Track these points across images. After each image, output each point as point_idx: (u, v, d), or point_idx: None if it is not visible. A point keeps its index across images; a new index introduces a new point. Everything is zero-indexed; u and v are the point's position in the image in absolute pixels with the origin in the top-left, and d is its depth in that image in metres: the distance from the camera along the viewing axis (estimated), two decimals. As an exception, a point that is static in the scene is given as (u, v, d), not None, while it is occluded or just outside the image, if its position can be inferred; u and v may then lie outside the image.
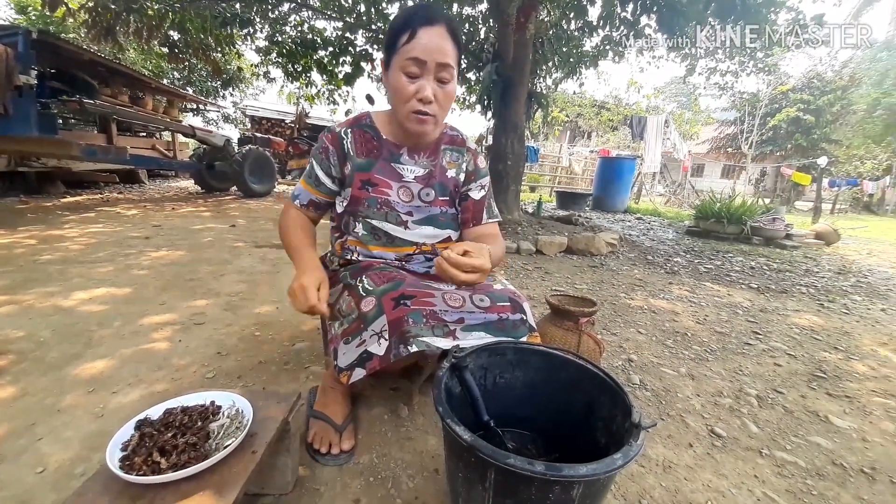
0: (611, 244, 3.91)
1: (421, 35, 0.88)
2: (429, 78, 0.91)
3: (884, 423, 1.34)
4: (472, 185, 1.14)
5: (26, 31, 3.77)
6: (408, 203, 1.07)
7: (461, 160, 1.13)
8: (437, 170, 1.09)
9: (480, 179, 1.16)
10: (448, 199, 1.12)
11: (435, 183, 1.09)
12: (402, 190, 1.07)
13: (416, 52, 0.88)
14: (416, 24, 0.88)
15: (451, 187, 1.11)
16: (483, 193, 1.16)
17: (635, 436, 0.63)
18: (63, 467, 0.93)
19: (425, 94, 0.90)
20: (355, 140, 1.06)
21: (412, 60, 0.89)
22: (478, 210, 1.14)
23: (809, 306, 2.62)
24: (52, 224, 3.57)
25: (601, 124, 16.81)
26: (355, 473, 0.97)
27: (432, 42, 0.88)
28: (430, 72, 0.90)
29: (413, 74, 0.91)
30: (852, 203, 15.35)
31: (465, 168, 1.14)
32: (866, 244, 6.06)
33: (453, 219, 1.14)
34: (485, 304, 0.93)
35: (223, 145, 6.41)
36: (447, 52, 0.90)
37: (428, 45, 0.88)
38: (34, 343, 1.48)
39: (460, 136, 1.15)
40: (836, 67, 18.33)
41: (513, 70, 4.26)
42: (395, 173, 1.06)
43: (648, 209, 8.79)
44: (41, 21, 9.57)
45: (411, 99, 0.92)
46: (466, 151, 1.14)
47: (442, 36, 0.89)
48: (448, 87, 0.94)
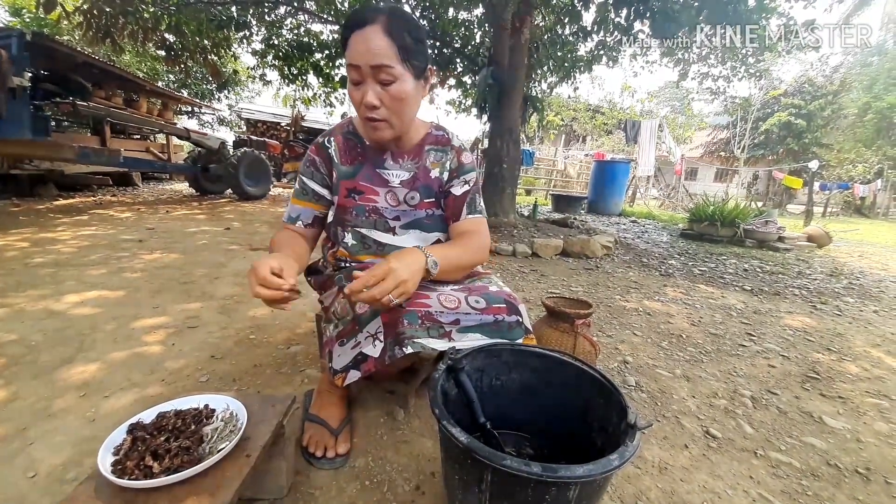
0: (606, 247, 3.93)
1: (353, 40, 0.85)
2: (370, 83, 0.87)
3: (877, 424, 1.35)
4: (454, 182, 1.10)
5: (20, 33, 3.75)
6: (395, 208, 1.06)
7: (444, 159, 1.10)
8: (420, 171, 1.08)
9: (464, 175, 1.11)
10: (433, 200, 1.10)
11: (419, 185, 1.07)
12: (390, 195, 1.06)
13: (351, 57, 0.86)
14: (349, 30, 0.86)
15: (435, 188, 1.09)
16: (465, 189, 1.10)
17: (631, 437, 0.63)
18: (55, 472, 0.91)
19: (367, 100, 0.87)
20: (339, 148, 1.05)
21: (350, 68, 0.87)
22: (457, 206, 1.10)
23: (802, 308, 2.65)
24: (44, 227, 3.53)
25: (596, 128, 16.93)
26: (351, 477, 0.96)
27: (362, 45, 0.84)
28: (368, 76, 0.86)
29: (356, 81, 0.88)
30: (843, 206, 15.52)
31: (449, 166, 1.10)
32: (858, 247, 6.13)
33: (441, 220, 1.12)
34: (480, 305, 0.93)
35: (218, 148, 6.39)
36: (379, 52, 0.84)
37: (359, 50, 0.84)
38: (26, 347, 1.46)
39: (445, 135, 1.12)
40: (826, 72, 18.61)
41: (508, 74, 4.29)
42: (381, 179, 1.05)
43: (643, 212, 8.85)
44: (35, 23, 9.52)
45: (360, 106, 0.90)
46: (451, 150, 1.10)
47: (374, 36, 0.83)
48: (392, 88, 0.87)
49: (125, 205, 5.30)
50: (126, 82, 6.35)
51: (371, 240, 1.06)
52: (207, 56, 6.27)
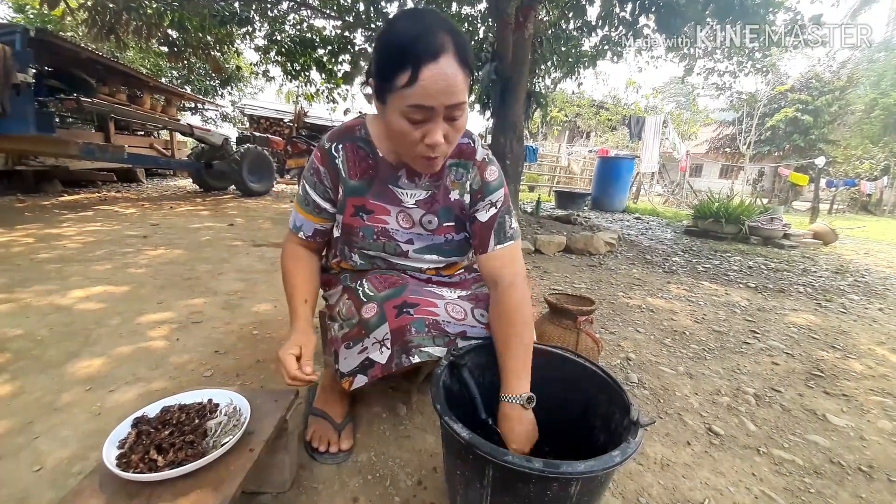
0: (609, 243, 3.91)
1: (425, 76, 0.68)
2: (437, 121, 0.74)
3: (881, 422, 1.34)
4: (478, 206, 0.95)
5: (24, 29, 3.76)
6: (408, 230, 0.96)
7: (465, 178, 0.95)
8: (440, 192, 0.94)
9: (490, 196, 0.95)
10: (453, 224, 0.98)
11: (439, 208, 0.95)
12: (402, 215, 0.95)
13: (420, 98, 0.70)
14: (418, 62, 0.68)
15: (456, 211, 0.97)
16: (492, 213, 0.94)
17: (633, 433, 0.63)
18: (60, 466, 0.92)
19: (434, 140, 0.75)
20: (348, 158, 0.92)
21: (416, 108, 0.71)
22: (484, 236, 0.94)
23: (807, 305, 2.63)
24: (49, 223, 3.56)
25: (600, 124, 16.84)
26: (353, 472, 0.97)
27: (440, 83, 0.69)
28: (439, 115, 0.73)
29: (418, 121, 0.74)
30: (850, 203, 15.40)
31: (470, 187, 0.95)
32: (864, 244, 6.08)
33: (460, 244, 1.01)
34: (485, 319, 0.92)
35: (221, 144, 6.40)
36: (458, 89, 0.71)
37: (435, 89, 0.69)
38: (32, 341, 1.48)
39: (471, 143, 0.95)
40: (833, 68, 18.40)
41: (512, 70, 4.26)
42: (393, 197, 0.94)
43: (647, 209, 8.80)
44: (39, 19, 9.54)
45: (418, 144, 0.77)
46: (473, 165, 0.95)
47: (450, 70, 0.69)
48: (459, 123, 0.77)
49: (129, 201, 5.33)
50: (130, 79, 6.37)
51: (380, 260, 0.99)
52: (210, 52, 6.28)
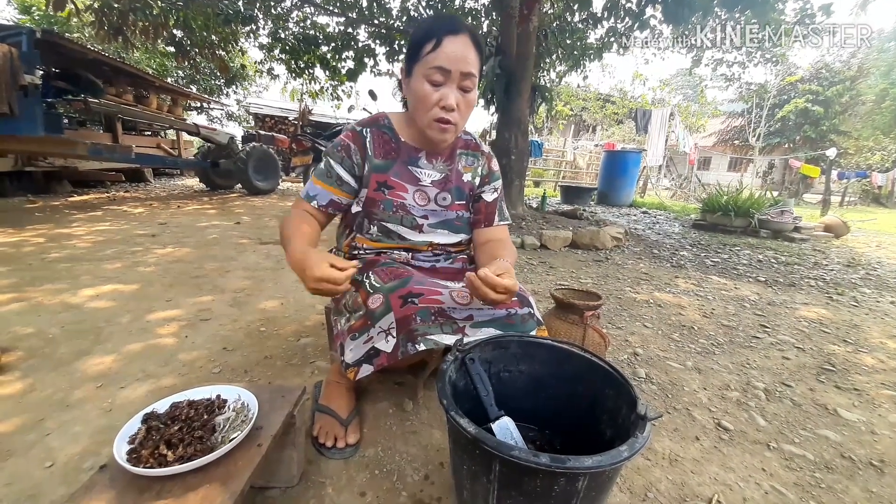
0: (616, 238, 3.88)
1: (446, 44, 0.88)
2: (452, 86, 0.92)
3: (893, 416, 1.32)
4: (485, 188, 1.17)
5: (30, 30, 3.78)
6: (423, 206, 1.08)
7: (476, 164, 1.15)
8: (453, 174, 1.10)
9: (493, 182, 1.18)
10: (464, 202, 1.14)
11: (452, 187, 1.10)
12: (419, 193, 1.07)
13: (441, 61, 0.89)
14: (441, 34, 0.89)
15: (466, 191, 1.13)
16: (496, 196, 1.18)
17: (641, 428, 0.62)
18: (72, 461, 0.94)
19: (449, 102, 0.91)
20: (374, 140, 1.05)
21: (436, 69, 0.90)
22: (490, 212, 1.16)
23: (818, 299, 2.60)
24: (59, 222, 3.60)
25: (606, 118, 16.65)
26: (360, 467, 0.97)
27: (457, 51, 0.89)
28: (453, 80, 0.91)
29: (437, 83, 0.91)
30: (861, 195, 15.13)
31: (480, 172, 1.16)
32: (875, 236, 5.98)
33: (467, 222, 1.16)
34: None
35: (227, 143, 6.43)
36: (471, 61, 0.91)
37: (453, 55, 0.89)
38: (43, 339, 1.50)
39: (474, 140, 1.17)
40: (844, 58, 18.05)
41: (516, 64, 4.23)
42: (412, 176, 1.07)
43: (654, 203, 8.73)
44: (45, 21, 9.62)
45: (434, 106, 0.93)
46: (481, 155, 1.16)
47: (466, 45, 0.90)
48: (470, 96, 0.95)
49: (138, 200, 5.38)
50: (136, 79, 6.40)
51: (396, 234, 1.07)
52: (215, 51, 6.29)
